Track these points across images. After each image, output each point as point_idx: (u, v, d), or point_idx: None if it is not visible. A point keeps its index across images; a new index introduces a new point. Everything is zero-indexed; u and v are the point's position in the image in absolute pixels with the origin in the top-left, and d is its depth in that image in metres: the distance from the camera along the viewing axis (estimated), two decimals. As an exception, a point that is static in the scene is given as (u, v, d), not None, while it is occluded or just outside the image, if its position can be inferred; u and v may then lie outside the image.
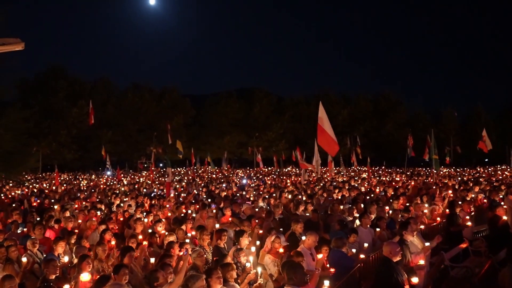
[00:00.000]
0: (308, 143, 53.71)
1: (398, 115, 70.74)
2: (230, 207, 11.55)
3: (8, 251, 7.37)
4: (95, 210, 12.03)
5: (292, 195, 15.59)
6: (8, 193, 22.07)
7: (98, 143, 51.51)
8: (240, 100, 70.18)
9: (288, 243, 8.19)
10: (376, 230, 9.24)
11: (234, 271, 5.86)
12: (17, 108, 27.57)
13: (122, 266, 5.91)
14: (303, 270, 5.50)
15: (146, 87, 66.62)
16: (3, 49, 5.56)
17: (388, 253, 5.99)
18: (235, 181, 27.71)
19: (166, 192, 17.78)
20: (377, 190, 18.09)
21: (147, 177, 34.68)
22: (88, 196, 18.26)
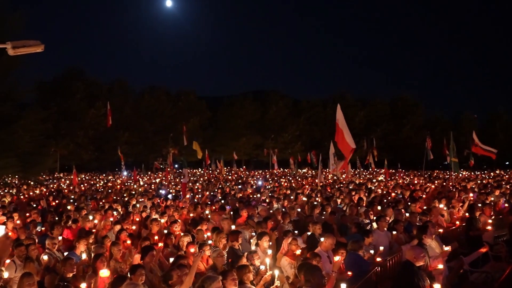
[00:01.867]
0: (325, 145, 53.45)
1: (415, 118, 69.96)
2: (246, 208, 11.53)
3: (28, 249, 7.47)
4: (111, 210, 12.12)
5: (308, 197, 15.51)
6: (26, 192, 22.42)
7: (114, 144, 51.99)
8: (256, 102, 70.20)
9: (307, 244, 8.15)
10: (393, 233, 9.12)
11: (250, 273, 5.83)
12: (36, 109, 28.07)
13: (139, 266, 5.94)
14: (321, 272, 5.45)
15: (162, 89, 67.10)
16: (23, 51, 5.63)
17: (412, 258, 5.90)
18: (251, 183, 27.67)
19: (182, 193, 17.85)
20: (393, 193, 17.88)
21: (163, 178, 34.91)
22: (105, 196, 18.42)
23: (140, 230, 10.78)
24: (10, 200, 18.07)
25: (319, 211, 11.77)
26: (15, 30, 21.77)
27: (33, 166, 24.55)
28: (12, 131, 21.47)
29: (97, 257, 6.56)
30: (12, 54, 5.58)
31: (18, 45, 5.52)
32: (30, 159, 23.04)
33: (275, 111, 68.92)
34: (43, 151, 26.73)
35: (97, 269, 6.36)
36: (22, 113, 23.89)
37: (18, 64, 22.97)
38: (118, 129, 53.12)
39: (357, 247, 7.40)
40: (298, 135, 67.83)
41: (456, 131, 31.42)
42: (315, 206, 12.20)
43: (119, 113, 51.73)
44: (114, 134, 53.88)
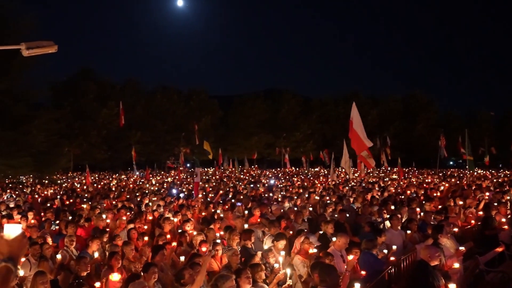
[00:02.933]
0: (337, 144, 53.20)
1: (429, 116, 69.26)
2: (258, 207, 11.52)
3: (42, 248, 7.55)
4: (124, 209, 12.18)
5: (320, 196, 15.45)
6: (40, 192, 22.68)
7: (127, 143, 52.33)
8: (267, 101, 70.13)
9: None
10: (407, 232, 9.03)
11: (263, 272, 5.83)
12: (49, 109, 28.39)
13: (151, 265, 5.96)
14: (337, 272, 5.41)
15: (174, 88, 67.35)
16: (37, 51, 5.68)
17: (427, 257, 5.83)
18: (263, 182, 27.65)
19: (194, 192, 17.89)
20: (407, 191, 17.72)
21: (175, 177, 35.05)
22: (118, 195, 18.54)
23: (153, 229, 10.83)
24: (25, 199, 18.29)
25: (331, 210, 11.71)
26: (28, 31, 22.02)
27: (47, 165, 24.82)
28: (26, 131, 21.72)
29: (112, 255, 6.62)
30: (26, 55, 5.64)
31: (32, 46, 5.57)
32: (44, 159, 23.29)
33: (286, 109, 68.77)
34: (57, 151, 27.02)
35: (113, 267, 6.42)
36: (36, 113, 24.14)
37: (32, 65, 23.24)
38: (130, 128, 53.47)
39: (371, 246, 7.34)
40: (310, 134, 67.61)
41: (471, 128, 31.00)
42: (328, 205, 12.14)
43: (131, 113, 52.05)
44: (126, 133, 54.24)
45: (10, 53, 17.15)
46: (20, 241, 2.22)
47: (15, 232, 2.24)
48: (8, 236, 2.21)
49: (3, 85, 18.16)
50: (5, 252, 2.15)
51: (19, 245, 2.21)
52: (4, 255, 2.14)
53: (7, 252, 2.15)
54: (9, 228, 2.27)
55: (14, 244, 2.19)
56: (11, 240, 2.20)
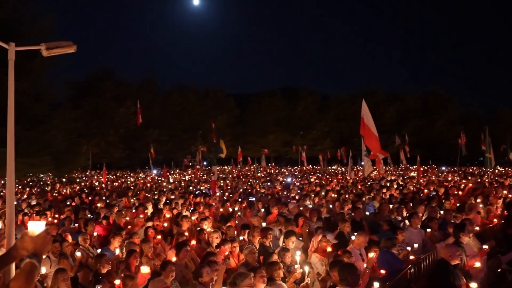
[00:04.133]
0: (354, 142, 52.79)
1: (448, 113, 68.23)
2: (276, 205, 11.49)
3: (62, 246, 7.63)
4: (142, 207, 12.26)
5: (338, 194, 15.34)
6: (60, 190, 23.01)
7: (144, 142, 52.73)
8: (284, 99, 69.97)
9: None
10: (427, 231, 8.88)
11: (281, 270, 5.80)
12: (68, 109, 28.76)
13: (169, 263, 5.97)
14: (357, 271, 5.35)
15: (191, 87, 67.67)
16: (57, 51, 5.72)
17: (447, 256, 5.72)
18: (280, 180, 27.58)
19: (211, 190, 17.93)
20: (425, 190, 17.47)
21: (192, 176, 35.21)
22: (135, 193, 18.69)
23: (171, 227, 10.88)
24: (45, 197, 18.57)
25: (349, 208, 11.61)
26: (48, 32, 22.33)
27: (66, 164, 25.15)
28: (45, 130, 22.02)
29: (130, 253, 6.65)
30: (46, 55, 5.69)
31: (52, 46, 5.62)
32: (63, 158, 23.59)
33: (303, 107, 68.51)
34: (76, 150, 27.35)
35: (130, 265, 6.45)
36: (55, 113, 24.47)
37: (51, 65, 23.56)
38: (147, 127, 53.90)
39: (390, 245, 7.25)
40: (327, 132, 67.26)
41: (491, 125, 30.45)
42: (346, 203, 12.04)
43: (148, 112, 52.41)
44: (143, 132, 54.68)
45: (30, 54, 17.41)
46: (43, 238, 2.27)
47: (39, 229, 2.30)
48: (32, 233, 2.27)
49: (23, 85, 18.44)
50: (30, 249, 2.21)
51: (43, 241, 2.26)
52: (28, 252, 2.20)
53: (31, 248, 2.21)
54: (33, 225, 2.33)
55: (38, 240, 2.24)
56: (35, 237, 2.25)
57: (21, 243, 2.27)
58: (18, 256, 2.28)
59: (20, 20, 21.78)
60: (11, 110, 5.25)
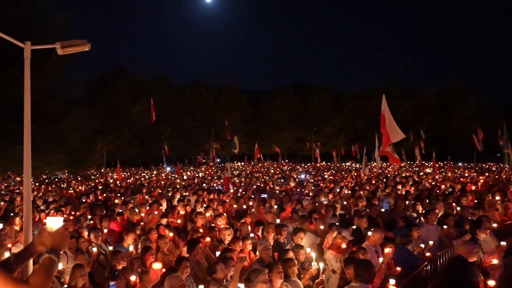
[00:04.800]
0: (369, 138, 52.39)
1: (465, 108, 67.20)
2: (290, 202, 11.47)
3: (78, 241, 7.72)
4: (156, 204, 12.34)
5: (352, 190, 15.25)
6: (75, 187, 23.28)
7: (158, 139, 53.00)
8: (298, 95, 69.73)
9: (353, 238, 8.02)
10: (443, 227, 8.78)
11: (295, 267, 5.80)
12: (83, 107, 29.06)
13: (184, 259, 5.99)
14: (373, 267, 5.31)
15: (204, 84, 67.81)
16: (71, 50, 5.77)
17: (465, 253, 5.65)
18: (293, 177, 27.52)
19: (224, 187, 17.97)
20: (442, 186, 17.27)
21: (206, 173, 35.32)
22: (150, 190, 18.82)
23: (185, 223, 10.93)
24: (61, 194, 18.81)
25: (364, 204, 11.54)
26: (62, 31, 22.57)
27: (81, 161, 25.44)
28: (61, 128, 22.27)
29: (146, 250, 6.69)
30: (61, 54, 5.73)
31: (66, 45, 5.66)
32: (78, 155, 23.87)
33: (317, 103, 68.18)
34: (91, 147, 27.64)
35: (146, 262, 6.49)
36: (70, 111, 24.73)
37: (66, 64, 23.81)
38: (161, 124, 54.14)
39: (406, 242, 7.18)
40: (341, 128, 66.88)
41: (509, 121, 29.91)
42: (360, 200, 11.97)
43: (162, 109, 52.69)
44: (157, 129, 54.94)
45: (45, 52, 17.63)
46: (62, 234, 2.30)
47: (57, 225, 2.34)
48: (51, 229, 2.31)
49: (39, 84, 18.66)
50: (48, 244, 2.24)
51: (61, 237, 2.29)
52: (47, 247, 2.23)
53: (50, 244, 2.24)
54: (51, 221, 2.37)
55: (56, 236, 2.27)
56: (53, 233, 2.29)
57: (40, 238, 2.29)
58: (37, 251, 2.31)
59: (35, 19, 22.03)
60: (27, 108, 5.31)
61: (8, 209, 13.09)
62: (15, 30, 16.04)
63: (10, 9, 21.10)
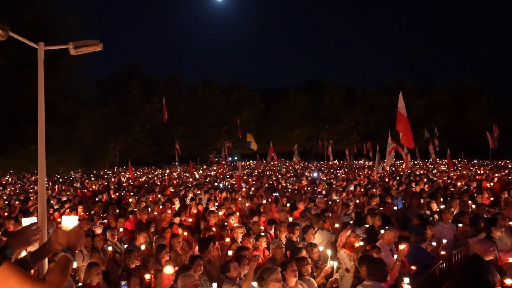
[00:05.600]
0: (382, 136, 52.02)
1: (480, 105, 66.29)
2: (302, 200, 11.44)
3: (94, 240, 7.78)
4: (169, 203, 12.39)
5: (365, 188, 15.16)
6: (89, 186, 23.47)
7: (170, 138, 53.22)
8: (309, 93, 69.52)
9: (367, 236, 7.98)
10: (458, 225, 8.67)
11: (309, 265, 5.77)
12: (95, 106, 29.24)
13: (197, 257, 6.00)
14: (386, 266, 5.26)
15: (215, 82, 67.95)
16: (84, 50, 5.80)
17: (480, 251, 5.57)
18: (306, 175, 27.44)
19: (236, 186, 17.96)
20: (458, 183, 17.06)
21: (218, 171, 35.37)
22: (162, 189, 18.90)
23: (198, 222, 10.95)
24: (75, 194, 18.99)
25: (377, 202, 11.46)
26: (74, 31, 22.71)
27: (95, 160, 25.57)
28: (75, 128, 22.40)
29: (161, 248, 6.72)
30: (74, 54, 5.77)
31: (79, 45, 5.70)
32: (91, 154, 23.98)
33: (329, 101, 67.94)
34: (104, 146, 27.76)
35: (161, 260, 6.52)
36: (83, 110, 24.89)
37: (79, 63, 23.98)
38: (173, 123, 54.39)
39: (420, 240, 7.10)
40: (354, 126, 66.59)
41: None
42: (373, 198, 11.89)
43: (174, 108, 52.98)
44: (169, 128, 55.19)
45: (58, 53, 17.75)
46: (77, 232, 2.34)
47: (72, 224, 2.38)
48: (66, 228, 2.34)
49: (52, 84, 18.81)
50: (64, 243, 2.27)
51: (76, 236, 2.32)
52: (62, 246, 2.25)
53: (65, 242, 2.27)
54: (67, 220, 2.41)
55: (72, 235, 2.31)
56: (69, 231, 2.32)
57: (55, 237, 2.32)
58: (53, 250, 2.34)
59: (48, 20, 22.21)
60: (41, 108, 5.35)
61: (23, 208, 13.25)
62: (29, 31, 16.19)
63: (24, 11, 21.30)
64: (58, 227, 2.39)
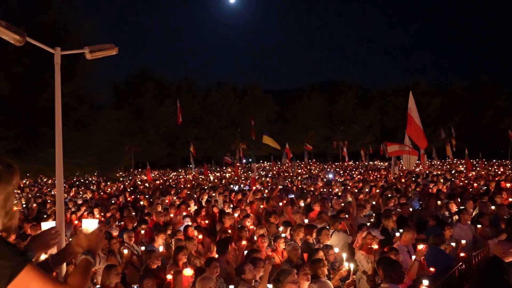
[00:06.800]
0: (397, 136, 51.51)
1: (498, 103, 65.23)
2: (318, 202, 11.37)
3: (110, 243, 7.82)
4: (185, 205, 12.42)
5: (382, 189, 15.01)
6: (105, 189, 23.67)
7: (185, 140, 53.49)
8: (324, 94, 69.28)
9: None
10: (477, 227, 8.51)
11: (325, 267, 5.73)
12: (111, 109, 29.53)
13: (213, 259, 6.00)
14: (401, 267, 5.19)
15: (229, 84, 68.13)
16: (100, 54, 5.83)
17: (500, 253, 5.47)
18: (321, 176, 27.29)
19: (251, 187, 17.93)
20: (475, 184, 16.77)
21: (232, 173, 35.38)
22: (178, 191, 18.96)
23: (213, 224, 10.95)
24: (91, 196, 19.17)
25: (393, 203, 11.33)
26: (90, 35, 22.99)
27: (111, 164, 25.79)
28: (90, 131, 22.65)
29: (179, 250, 6.74)
30: (90, 58, 5.81)
31: (95, 49, 5.73)
32: (107, 157, 24.20)
33: (344, 101, 67.66)
34: (119, 149, 27.98)
35: (178, 261, 6.54)
36: (99, 114, 25.15)
37: (94, 67, 24.25)
38: (187, 125, 54.63)
39: (439, 242, 7.00)
40: (369, 126, 66.18)
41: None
42: (389, 199, 11.76)
43: (188, 110, 53.24)
44: (183, 130, 55.44)
45: (73, 57, 18.05)
46: (97, 235, 2.36)
47: (93, 227, 2.39)
48: (87, 230, 2.36)
49: (68, 88, 19.04)
50: (85, 246, 2.29)
51: (97, 238, 2.34)
52: (83, 248, 2.27)
53: (86, 245, 2.29)
54: (87, 223, 2.42)
55: (92, 238, 2.33)
56: (89, 234, 2.34)
57: (76, 240, 2.35)
58: (74, 252, 2.37)
59: (64, 25, 22.52)
60: (58, 112, 5.38)
61: (41, 211, 13.42)
62: (45, 36, 16.41)
63: (40, 16, 21.64)
64: (78, 230, 2.42)
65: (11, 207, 2.02)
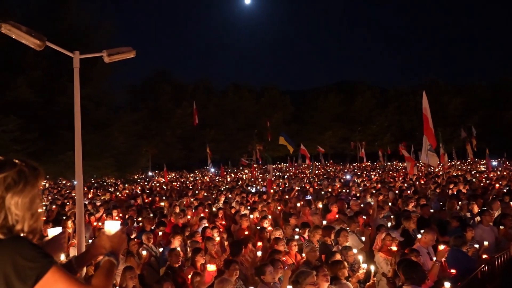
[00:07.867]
0: (416, 136, 50.87)
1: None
2: (336, 203, 11.28)
3: (128, 244, 7.87)
4: (202, 207, 12.44)
5: (400, 190, 14.84)
6: (123, 191, 23.90)
7: (201, 142, 53.64)
8: (341, 94, 68.81)
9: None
10: (500, 228, 8.34)
11: (345, 269, 5.67)
12: (128, 112, 29.84)
13: (233, 261, 5.99)
14: (422, 268, 5.10)
15: (245, 86, 68.16)
16: (117, 57, 5.90)
17: None
18: (339, 177, 27.11)
19: (267, 189, 17.91)
20: (497, 184, 16.44)
21: (249, 174, 35.40)
22: (195, 193, 19.02)
23: (230, 226, 10.95)
24: (109, 198, 19.36)
25: (413, 205, 11.18)
26: (107, 39, 23.32)
27: (128, 165, 26.06)
28: (108, 134, 22.92)
29: (197, 251, 6.76)
30: (108, 62, 5.87)
31: (113, 53, 5.80)
32: (125, 159, 24.46)
33: (361, 102, 67.07)
34: (136, 151, 28.24)
35: (196, 263, 6.55)
36: (116, 116, 25.44)
37: (111, 70, 24.55)
38: (204, 127, 54.80)
39: (460, 243, 6.86)
40: (387, 126, 65.48)
41: None
42: (409, 199, 11.61)
43: (204, 112, 53.39)
44: (200, 132, 55.63)
45: (91, 60, 18.28)
46: (119, 237, 2.38)
47: (115, 228, 2.42)
48: (109, 232, 2.39)
49: (86, 91, 19.33)
50: (107, 247, 2.32)
51: (119, 240, 2.37)
52: (106, 250, 2.30)
53: (109, 247, 2.32)
54: (109, 225, 2.46)
55: (115, 239, 2.35)
56: (111, 236, 2.37)
57: (99, 242, 2.38)
58: (97, 254, 2.40)
59: (82, 29, 22.86)
60: (77, 115, 5.44)
61: (60, 212, 13.58)
62: (63, 40, 16.68)
63: (59, 21, 22.01)
64: (101, 232, 2.44)
65: (37, 209, 2.05)
